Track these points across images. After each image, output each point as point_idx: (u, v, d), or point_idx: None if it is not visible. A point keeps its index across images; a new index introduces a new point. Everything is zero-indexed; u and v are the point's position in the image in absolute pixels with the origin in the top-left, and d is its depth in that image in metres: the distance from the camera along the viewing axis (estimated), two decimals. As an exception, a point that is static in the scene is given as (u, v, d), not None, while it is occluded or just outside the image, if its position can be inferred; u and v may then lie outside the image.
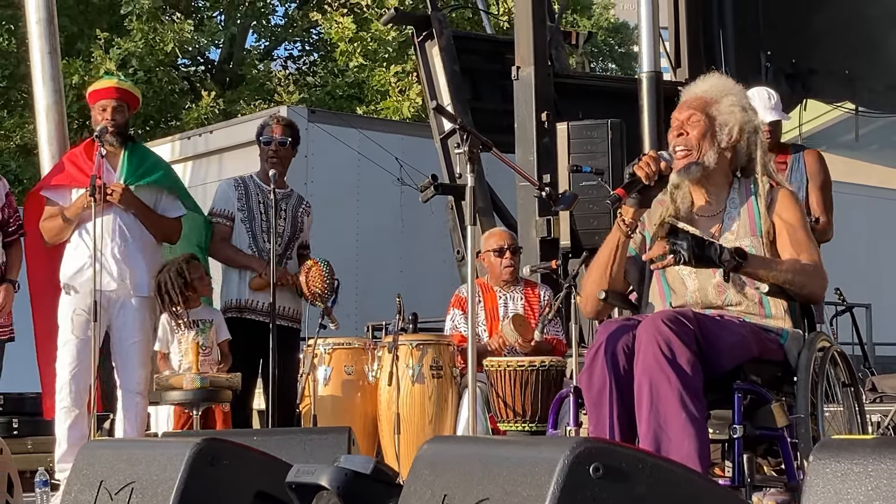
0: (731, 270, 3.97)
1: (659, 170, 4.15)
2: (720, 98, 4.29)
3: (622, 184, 4.21)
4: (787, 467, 3.83)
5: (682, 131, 4.25)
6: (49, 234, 6.64)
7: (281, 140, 6.92)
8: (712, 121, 4.25)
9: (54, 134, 9.73)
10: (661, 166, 4.15)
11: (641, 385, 3.73)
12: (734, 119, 4.26)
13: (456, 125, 4.15)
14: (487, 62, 10.31)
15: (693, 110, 4.26)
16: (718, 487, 2.78)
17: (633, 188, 4.15)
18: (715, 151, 4.24)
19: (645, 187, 4.15)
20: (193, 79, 21.60)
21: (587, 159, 7.62)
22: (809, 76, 10.47)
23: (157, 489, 3.57)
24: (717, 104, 4.27)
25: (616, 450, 2.54)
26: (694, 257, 3.94)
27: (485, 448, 2.87)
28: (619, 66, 26.28)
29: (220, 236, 6.89)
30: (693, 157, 4.22)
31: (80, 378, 6.41)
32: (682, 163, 4.22)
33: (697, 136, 4.23)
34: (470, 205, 4.45)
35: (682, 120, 4.27)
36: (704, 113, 4.25)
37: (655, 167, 4.13)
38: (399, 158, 11.31)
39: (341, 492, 3.16)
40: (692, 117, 4.25)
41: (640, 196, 4.18)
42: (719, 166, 4.27)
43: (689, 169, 4.23)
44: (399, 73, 18.26)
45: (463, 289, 7.08)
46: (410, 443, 6.38)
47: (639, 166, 4.14)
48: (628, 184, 4.15)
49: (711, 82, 4.37)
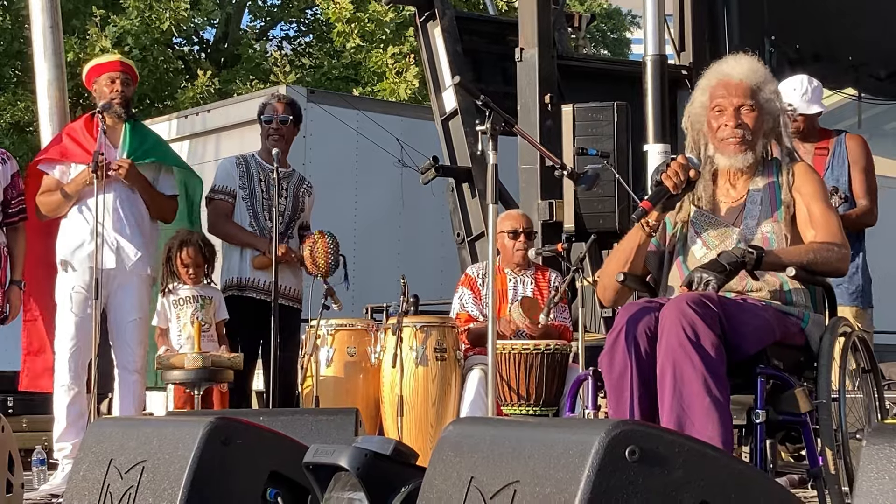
0: (755, 268, 3.94)
1: (687, 178, 4.08)
2: (762, 86, 4.25)
3: (649, 194, 4.16)
4: (809, 453, 3.78)
5: (741, 121, 4.19)
6: (46, 209, 6.56)
7: (282, 118, 6.87)
8: (762, 110, 4.22)
9: (55, 110, 9.68)
10: (691, 174, 4.09)
11: (664, 368, 3.68)
12: (774, 108, 4.26)
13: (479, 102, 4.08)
14: (490, 43, 10.24)
15: (745, 99, 4.20)
16: (756, 471, 2.72)
17: (660, 199, 4.10)
18: (762, 142, 4.24)
19: (671, 196, 4.10)
20: (188, 58, 21.47)
21: (593, 142, 7.56)
22: (813, 62, 10.40)
23: (168, 468, 3.51)
24: (761, 91, 4.24)
25: (653, 433, 2.47)
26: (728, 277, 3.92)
27: (513, 430, 2.80)
28: (612, 52, 26.19)
29: (222, 212, 6.83)
30: (749, 146, 4.19)
31: (79, 356, 6.38)
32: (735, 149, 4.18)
33: (755, 126, 4.20)
34: (491, 183, 4.38)
35: (735, 107, 4.20)
36: (756, 101, 4.21)
37: (684, 176, 4.08)
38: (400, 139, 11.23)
39: (360, 473, 3.09)
40: (745, 105, 4.21)
41: (666, 203, 4.13)
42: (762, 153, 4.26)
43: (745, 157, 4.19)
44: (396, 54, 18.15)
45: (473, 268, 7.02)
46: (413, 425, 6.34)
47: (666, 175, 4.08)
48: (654, 194, 4.11)
49: (748, 66, 4.29)
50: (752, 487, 2.53)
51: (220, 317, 6.57)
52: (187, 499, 3.44)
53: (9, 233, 6.47)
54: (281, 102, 6.95)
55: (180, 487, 3.44)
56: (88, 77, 6.71)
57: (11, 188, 6.46)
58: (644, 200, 4.11)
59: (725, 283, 3.94)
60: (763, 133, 4.24)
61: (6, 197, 6.44)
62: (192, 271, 6.48)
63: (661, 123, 8.15)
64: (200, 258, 6.51)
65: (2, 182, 6.41)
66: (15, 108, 18.75)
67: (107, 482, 3.69)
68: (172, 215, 6.75)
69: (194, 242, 6.52)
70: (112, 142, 6.52)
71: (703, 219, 4.25)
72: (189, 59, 21.48)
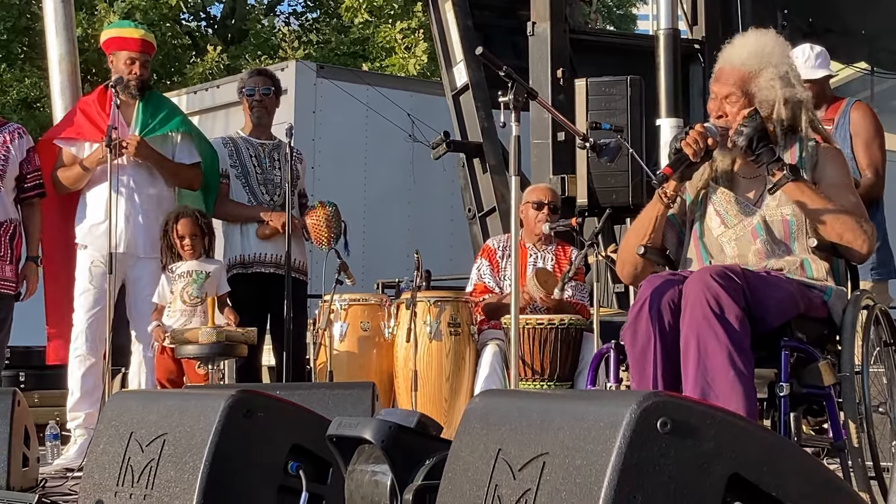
0: (781, 180, 3.93)
1: (706, 146, 4.04)
2: (759, 71, 4.12)
3: (669, 161, 4.11)
4: (833, 426, 3.76)
5: (722, 112, 4.14)
6: (67, 182, 6.57)
7: (264, 89, 6.93)
8: (751, 98, 4.12)
9: (67, 84, 9.63)
10: (709, 142, 4.05)
11: (689, 341, 3.65)
12: (774, 94, 4.12)
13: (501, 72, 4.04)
14: (501, 18, 10.20)
15: (732, 88, 4.13)
16: (787, 442, 2.70)
17: (680, 165, 4.05)
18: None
19: (691, 163, 4.06)
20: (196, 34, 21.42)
21: (606, 116, 7.53)
22: (826, 35, 10.33)
23: (190, 441, 3.50)
24: (755, 79, 4.12)
25: (685, 404, 2.45)
26: (751, 147, 3.94)
27: (541, 402, 2.77)
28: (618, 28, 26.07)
29: (219, 194, 6.83)
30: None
31: (95, 327, 6.41)
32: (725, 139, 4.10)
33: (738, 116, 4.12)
34: (514, 155, 4.34)
35: (720, 98, 4.15)
36: (743, 91, 4.12)
37: (703, 143, 4.03)
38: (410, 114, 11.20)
39: (385, 445, 3.08)
40: (731, 96, 4.13)
41: (685, 171, 4.09)
42: None
43: (732, 149, 4.13)
44: (405, 29, 18.08)
45: (493, 240, 6.99)
46: (427, 400, 6.34)
47: (686, 143, 4.03)
48: (675, 161, 4.06)
49: (751, 48, 4.18)
50: (783, 459, 2.51)
51: (223, 290, 6.53)
52: (209, 471, 3.42)
53: (24, 209, 6.47)
54: (261, 76, 7.05)
55: (202, 460, 3.43)
56: (107, 45, 6.68)
57: (27, 163, 6.46)
58: (665, 167, 4.09)
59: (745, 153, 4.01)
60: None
61: (21, 172, 6.43)
62: (189, 242, 6.42)
63: (673, 98, 8.12)
64: (196, 228, 6.44)
65: (18, 156, 6.41)
66: (22, 85, 18.73)
67: (127, 455, 3.68)
68: (197, 182, 6.74)
69: (189, 214, 6.48)
70: (125, 117, 6.51)
71: (721, 195, 4.20)
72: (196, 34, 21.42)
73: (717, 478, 2.44)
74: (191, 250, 6.43)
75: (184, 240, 6.42)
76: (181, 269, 6.44)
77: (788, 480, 2.50)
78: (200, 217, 6.52)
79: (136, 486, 3.62)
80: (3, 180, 6.33)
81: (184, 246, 6.42)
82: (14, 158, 6.39)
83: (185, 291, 6.38)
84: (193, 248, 6.43)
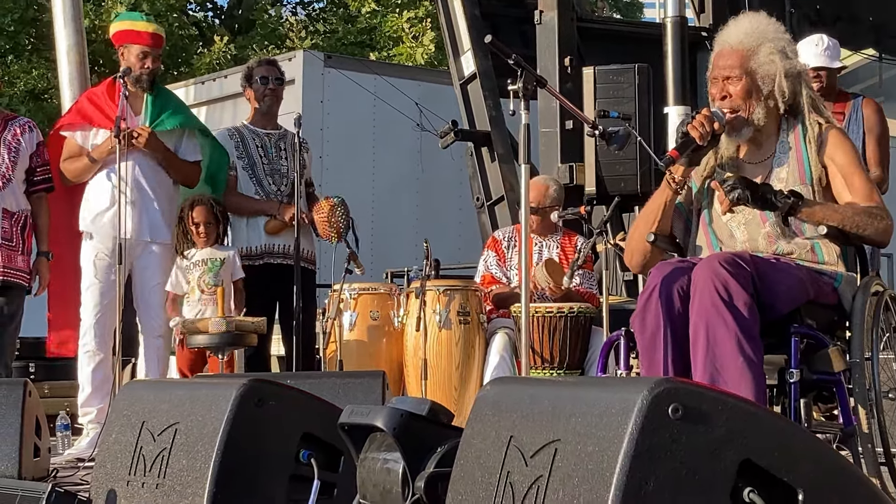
0: (787, 212, 3.88)
1: (712, 129, 4.03)
2: (757, 48, 4.11)
3: (675, 144, 4.10)
4: (843, 413, 3.76)
5: (726, 93, 4.13)
6: (72, 175, 6.58)
7: (277, 77, 7.02)
8: (753, 75, 4.09)
9: (75, 75, 9.66)
10: (715, 126, 4.04)
11: (697, 328, 3.65)
12: (775, 68, 4.10)
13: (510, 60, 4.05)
14: (508, 6, 10.19)
15: (731, 68, 4.12)
16: (798, 429, 2.70)
17: (687, 149, 4.05)
18: (762, 107, 4.10)
19: (697, 147, 4.05)
20: (203, 24, 21.42)
21: (614, 104, 7.52)
22: (834, 23, 10.32)
23: (202, 430, 3.51)
24: (754, 55, 4.10)
25: (696, 390, 2.46)
26: (751, 197, 3.85)
27: (552, 389, 2.78)
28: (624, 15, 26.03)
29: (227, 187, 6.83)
30: (742, 116, 4.10)
31: (103, 322, 6.41)
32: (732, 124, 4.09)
33: (742, 96, 4.09)
34: (524, 143, 4.35)
35: (721, 80, 4.14)
36: (744, 69, 4.10)
37: (709, 127, 4.02)
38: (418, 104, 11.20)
39: (396, 433, 3.08)
40: (730, 77, 4.11)
41: (692, 155, 4.09)
42: (768, 117, 4.15)
43: (740, 131, 4.12)
44: (412, 19, 18.06)
45: (500, 232, 7.01)
46: (437, 388, 6.35)
47: (692, 126, 4.02)
48: (681, 144, 4.05)
49: (745, 28, 4.17)
50: (794, 444, 2.51)
51: (237, 276, 6.55)
52: (221, 460, 3.44)
53: (33, 202, 6.48)
54: (269, 65, 7.12)
55: (214, 448, 3.44)
56: (117, 37, 6.68)
57: (36, 156, 6.46)
58: (672, 150, 4.08)
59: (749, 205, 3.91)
60: (764, 97, 4.12)
61: (31, 165, 6.44)
62: (203, 229, 6.45)
63: (681, 85, 8.13)
64: (211, 216, 6.49)
65: (27, 150, 6.42)
66: (30, 76, 18.74)
67: (139, 444, 3.70)
68: (196, 179, 6.75)
69: (205, 202, 6.52)
70: (134, 109, 6.52)
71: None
72: (203, 25, 21.42)
73: (729, 463, 2.45)
74: (205, 237, 6.47)
75: (199, 227, 6.46)
76: (196, 257, 6.46)
77: (800, 466, 2.50)
78: (216, 204, 6.55)
79: (148, 474, 3.63)
80: (14, 171, 6.34)
81: (199, 233, 6.46)
82: (24, 151, 6.39)
83: (202, 280, 6.41)
84: (207, 236, 6.48)
